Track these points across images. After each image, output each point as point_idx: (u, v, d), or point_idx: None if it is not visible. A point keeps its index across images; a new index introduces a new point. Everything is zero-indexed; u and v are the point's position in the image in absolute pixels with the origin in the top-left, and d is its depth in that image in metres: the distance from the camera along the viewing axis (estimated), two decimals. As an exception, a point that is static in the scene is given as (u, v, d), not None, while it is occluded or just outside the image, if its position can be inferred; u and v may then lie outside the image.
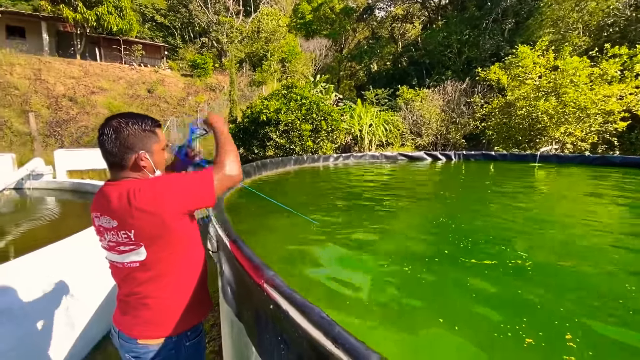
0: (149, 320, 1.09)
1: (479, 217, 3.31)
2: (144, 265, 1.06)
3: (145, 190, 1.01)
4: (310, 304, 0.75)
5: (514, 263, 2.12)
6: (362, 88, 23.15)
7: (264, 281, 0.90)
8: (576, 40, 13.85)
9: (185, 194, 1.04)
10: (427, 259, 2.22)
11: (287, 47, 23.10)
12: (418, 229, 2.99)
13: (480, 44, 18.37)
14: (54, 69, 16.27)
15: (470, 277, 1.95)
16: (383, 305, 1.73)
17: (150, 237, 1.03)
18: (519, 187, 4.87)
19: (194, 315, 1.17)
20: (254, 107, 10.89)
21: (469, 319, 1.59)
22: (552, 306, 1.66)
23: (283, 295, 0.81)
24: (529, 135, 10.33)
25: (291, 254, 2.45)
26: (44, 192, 5.35)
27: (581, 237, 2.72)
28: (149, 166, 1.10)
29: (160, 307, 1.09)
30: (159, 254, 1.06)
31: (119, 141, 1.04)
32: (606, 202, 3.85)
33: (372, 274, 2.07)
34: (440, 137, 14.56)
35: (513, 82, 10.68)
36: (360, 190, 4.72)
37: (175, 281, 1.11)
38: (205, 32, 26.54)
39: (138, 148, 1.07)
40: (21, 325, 1.87)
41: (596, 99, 8.86)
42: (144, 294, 1.08)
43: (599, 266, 2.16)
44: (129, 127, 1.06)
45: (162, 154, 1.16)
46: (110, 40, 20.71)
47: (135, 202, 0.99)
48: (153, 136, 1.12)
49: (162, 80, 19.74)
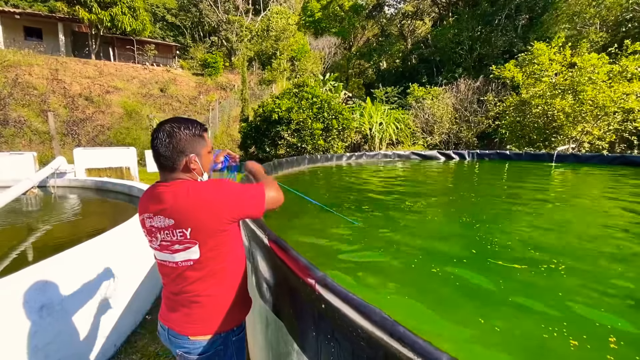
0: (200, 318, 1.14)
1: (502, 218, 3.29)
2: (197, 263, 1.10)
3: (208, 191, 1.08)
4: (368, 304, 0.78)
5: (545, 268, 2.11)
6: (371, 86, 23.02)
7: (315, 282, 0.93)
8: (593, 36, 13.52)
9: (241, 201, 1.11)
10: (455, 259, 2.23)
11: (297, 46, 23.12)
12: (444, 229, 2.99)
13: (492, 40, 18.04)
14: (70, 69, 16.63)
15: (502, 279, 1.95)
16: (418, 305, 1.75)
17: (205, 235, 1.08)
18: (538, 187, 4.81)
19: (239, 311, 1.22)
20: (266, 105, 10.96)
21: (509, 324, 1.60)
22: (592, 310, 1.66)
23: (339, 296, 0.84)
24: (544, 134, 10.15)
25: (315, 249, 2.49)
26: (67, 190, 5.50)
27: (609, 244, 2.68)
28: (198, 168, 1.16)
29: (211, 305, 1.14)
30: (211, 253, 1.11)
31: (172, 145, 1.10)
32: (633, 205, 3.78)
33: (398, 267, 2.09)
34: (452, 136, 14.40)
35: (528, 79, 10.49)
36: (378, 189, 4.73)
37: (224, 280, 1.16)
38: (215, 31, 26.73)
39: (189, 151, 1.13)
40: (60, 320, 1.95)
41: (615, 97, 8.65)
42: (195, 292, 1.13)
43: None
44: (181, 131, 1.12)
45: (208, 157, 1.23)
46: (123, 41, 21.05)
47: (197, 200, 1.05)
48: (202, 140, 1.17)
49: (174, 80, 19.98)
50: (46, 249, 3.07)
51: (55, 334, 1.93)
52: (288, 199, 1.61)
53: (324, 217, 2.82)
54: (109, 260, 2.38)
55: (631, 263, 2.21)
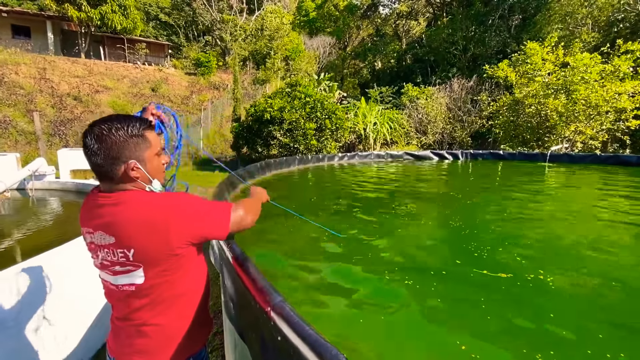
0: (145, 350, 0.98)
1: (491, 222, 3.18)
2: (141, 290, 0.94)
3: (156, 208, 0.91)
4: (324, 340, 0.64)
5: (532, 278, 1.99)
6: (366, 86, 22.95)
7: (271, 308, 0.80)
8: (585, 37, 13.56)
9: (198, 221, 0.95)
10: (432, 271, 2.10)
11: (291, 45, 22.96)
12: (427, 234, 2.87)
13: (486, 40, 18.07)
14: (58, 68, 16.29)
15: (483, 292, 1.83)
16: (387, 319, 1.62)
17: (151, 259, 0.92)
18: (531, 189, 4.72)
19: (196, 340, 1.06)
20: (258, 105, 10.80)
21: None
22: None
23: (292, 328, 0.71)
24: (538, 134, 10.12)
25: (290, 255, 2.35)
26: (46, 192, 5.29)
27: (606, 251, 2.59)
28: (143, 176, 0.97)
29: (159, 336, 0.98)
30: (159, 279, 0.94)
31: (103, 151, 0.91)
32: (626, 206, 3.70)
33: (377, 284, 1.96)
34: (446, 136, 14.36)
35: (521, 79, 10.46)
36: (368, 190, 4.61)
37: (176, 307, 0.99)
38: (209, 31, 26.47)
39: (125, 157, 0.93)
40: (13, 337, 1.79)
41: (608, 97, 8.63)
42: (140, 320, 0.97)
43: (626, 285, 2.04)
44: (113, 134, 0.92)
45: (157, 160, 1.02)
46: (114, 39, 20.72)
47: (140, 218, 0.89)
48: (143, 141, 0.97)
49: (166, 79, 19.71)
50: (5, 259, 2.88)
51: (8, 352, 1.77)
52: (269, 205, 1.49)
53: (308, 225, 2.70)
54: (75, 269, 2.21)
55: (621, 279, 2.10)
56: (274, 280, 2.00)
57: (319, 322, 1.60)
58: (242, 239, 2.36)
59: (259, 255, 2.35)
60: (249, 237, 2.59)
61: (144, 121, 1.00)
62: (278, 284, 1.97)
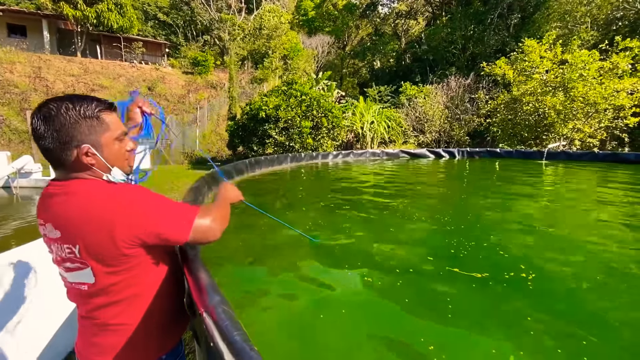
0: (108, 351, 0.89)
1: (483, 221, 3.08)
2: (95, 289, 0.85)
3: (105, 202, 0.80)
4: (250, 349, 0.54)
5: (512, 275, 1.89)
6: (365, 85, 22.87)
7: (204, 309, 0.70)
8: (584, 35, 13.46)
9: (152, 220, 0.83)
10: (411, 269, 2.00)
11: (289, 44, 22.86)
12: (414, 234, 2.76)
13: (485, 39, 18.00)
14: (53, 67, 16.18)
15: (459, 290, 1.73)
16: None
17: (99, 258, 0.82)
18: (527, 188, 4.62)
19: (165, 340, 0.97)
20: (253, 103, 10.69)
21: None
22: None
23: (220, 332, 0.61)
24: (535, 132, 10.02)
25: (263, 255, 2.25)
26: (32, 190, 5.19)
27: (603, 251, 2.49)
28: (99, 163, 0.86)
29: (121, 336, 0.89)
30: (112, 279, 0.85)
31: (51, 133, 0.80)
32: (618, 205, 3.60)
33: (358, 285, 1.85)
34: (443, 134, 14.26)
35: (519, 77, 10.36)
36: (360, 188, 4.50)
37: (137, 308, 0.90)
38: (208, 30, 26.37)
39: (78, 141, 0.82)
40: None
41: (606, 94, 8.53)
42: (100, 320, 0.89)
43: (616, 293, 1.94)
44: (62, 113, 0.81)
45: (117, 145, 0.91)
46: (110, 38, 20.60)
47: (86, 212, 0.79)
48: (99, 124, 0.86)
49: (163, 78, 19.60)
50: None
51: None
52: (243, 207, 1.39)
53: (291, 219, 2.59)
54: (42, 268, 2.11)
55: (608, 285, 1.99)
56: (236, 283, 1.90)
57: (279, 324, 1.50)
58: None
59: (226, 254, 2.24)
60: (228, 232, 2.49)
61: (102, 102, 0.90)
62: (241, 285, 1.87)
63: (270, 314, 1.60)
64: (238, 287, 1.84)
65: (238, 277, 2.01)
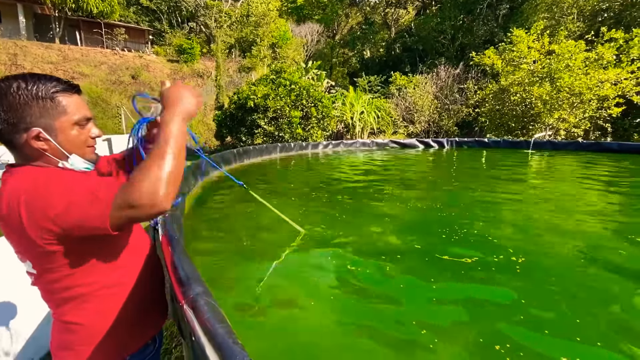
0: (70, 347, 0.85)
1: (469, 208, 3.10)
2: (40, 282, 0.81)
3: (14, 190, 0.72)
4: (233, 342, 0.50)
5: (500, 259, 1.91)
6: (355, 75, 22.66)
7: (185, 302, 0.65)
8: (570, 26, 13.60)
9: (58, 207, 0.69)
10: (399, 255, 2.00)
11: (278, 32, 22.39)
12: (400, 221, 2.76)
13: (474, 29, 18.03)
14: (30, 54, 15.45)
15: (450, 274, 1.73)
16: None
17: (26, 252, 0.76)
18: (513, 175, 4.68)
19: (131, 339, 0.92)
20: (241, 92, 10.46)
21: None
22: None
23: (201, 324, 0.57)
24: (522, 122, 10.16)
25: (253, 243, 2.21)
26: (10, 182, 4.97)
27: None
28: (53, 148, 0.78)
29: (79, 333, 0.84)
30: (52, 275, 0.78)
31: (0, 113, 0.73)
32: (600, 189, 3.68)
33: (340, 273, 1.84)
34: (432, 125, 14.34)
35: (507, 67, 10.43)
36: (350, 177, 4.48)
37: (91, 308, 0.84)
38: (193, 17, 25.52)
39: (27, 123, 0.75)
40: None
41: (591, 84, 8.68)
42: (56, 314, 0.84)
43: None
44: (12, 92, 0.74)
45: (76, 131, 0.82)
46: (90, 24, 19.73)
47: (9, 200, 0.72)
48: (53, 106, 0.78)
49: (147, 66, 18.99)
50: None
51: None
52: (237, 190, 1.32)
53: (281, 208, 2.55)
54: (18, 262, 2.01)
55: (593, 271, 2.03)
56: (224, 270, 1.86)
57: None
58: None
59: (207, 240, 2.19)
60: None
61: (62, 82, 0.82)
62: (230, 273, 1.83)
63: (254, 301, 1.58)
64: (224, 274, 1.80)
65: (225, 266, 1.97)
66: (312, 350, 1.25)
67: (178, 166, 0.72)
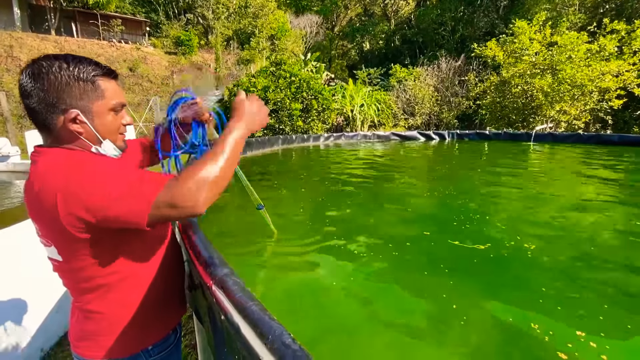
0: (89, 337, 0.86)
1: (474, 198, 3.12)
2: (66, 267, 0.80)
3: (51, 175, 0.70)
4: (269, 318, 0.51)
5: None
6: (355, 68, 22.48)
7: (213, 282, 0.66)
8: (572, 17, 13.50)
9: (94, 194, 0.67)
10: (409, 242, 2.01)
11: (276, 24, 22.13)
12: (416, 207, 2.78)
13: (474, 21, 17.87)
14: (26, 46, 15.24)
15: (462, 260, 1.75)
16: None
17: (55, 238, 0.75)
18: (516, 166, 4.70)
19: (152, 330, 0.93)
20: (241, 85, 10.39)
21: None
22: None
23: (234, 304, 0.57)
24: (523, 114, 10.14)
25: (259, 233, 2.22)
26: (11, 175, 4.95)
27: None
28: (88, 132, 0.77)
29: (100, 323, 0.85)
30: (78, 263, 0.78)
31: (38, 93, 0.72)
32: (599, 180, 3.71)
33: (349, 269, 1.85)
34: (433, 117, 14.30)
35: (509, 58, 10.37)
36: (354, 170, 4.49)
37: (114, 298, 0.84)
38: (190, 8, 25.13)
39: (66, 104, 0.73)
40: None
41: (593, 76, 8.65)
42: (79, 303, 0.85)
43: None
44: (54, 72, 0.72)
45: (111, 117, 0.81)
46: (86, 15, 19.44)
47: (40, 185, 0.71)
48: (93, 89, 0.77)
49: (145, 58, 18.77)
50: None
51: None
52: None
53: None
54: (28, 251, 2.02)
55: (595, 250, 2.06)
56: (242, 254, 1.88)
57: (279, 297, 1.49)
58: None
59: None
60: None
61: (101, 67, 0.82)
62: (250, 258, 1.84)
63: (274, 285, 1.60)
64: (245, 261, 1.81)
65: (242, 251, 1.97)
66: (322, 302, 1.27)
67: (227, 174, 0.73)
